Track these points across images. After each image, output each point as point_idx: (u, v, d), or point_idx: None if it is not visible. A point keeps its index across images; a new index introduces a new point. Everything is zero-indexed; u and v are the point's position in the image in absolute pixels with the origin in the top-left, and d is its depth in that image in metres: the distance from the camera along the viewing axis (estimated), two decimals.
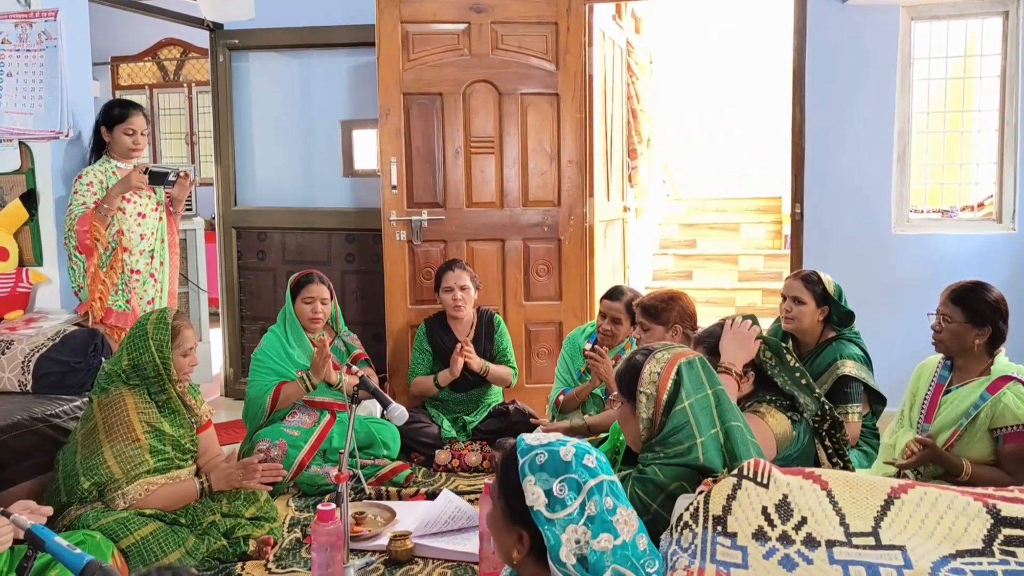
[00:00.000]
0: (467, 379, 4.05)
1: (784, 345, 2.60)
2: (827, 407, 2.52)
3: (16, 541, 2.24)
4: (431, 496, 3.47)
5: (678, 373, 2.19)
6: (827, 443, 2.51)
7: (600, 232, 4.70)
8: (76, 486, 2.76)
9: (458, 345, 3.97)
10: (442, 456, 3.84)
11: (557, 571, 1.52)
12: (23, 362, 3.36)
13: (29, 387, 3.35)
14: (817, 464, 2.47)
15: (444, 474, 3.77)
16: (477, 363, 3.98)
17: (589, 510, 1.52)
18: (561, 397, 3.81)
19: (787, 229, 6.59)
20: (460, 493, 3.48)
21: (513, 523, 1.57)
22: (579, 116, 4.41)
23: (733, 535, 1.69)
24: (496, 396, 4.19)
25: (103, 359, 3.38)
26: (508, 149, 4.43)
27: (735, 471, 1.79)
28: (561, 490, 1.54)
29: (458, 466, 3.81)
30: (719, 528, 1.70)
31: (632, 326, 3.69)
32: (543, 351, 4.50)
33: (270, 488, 3.06)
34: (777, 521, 1.70)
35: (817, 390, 2.52)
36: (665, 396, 2.17)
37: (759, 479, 1.76)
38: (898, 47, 4.26)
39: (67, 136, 3.82)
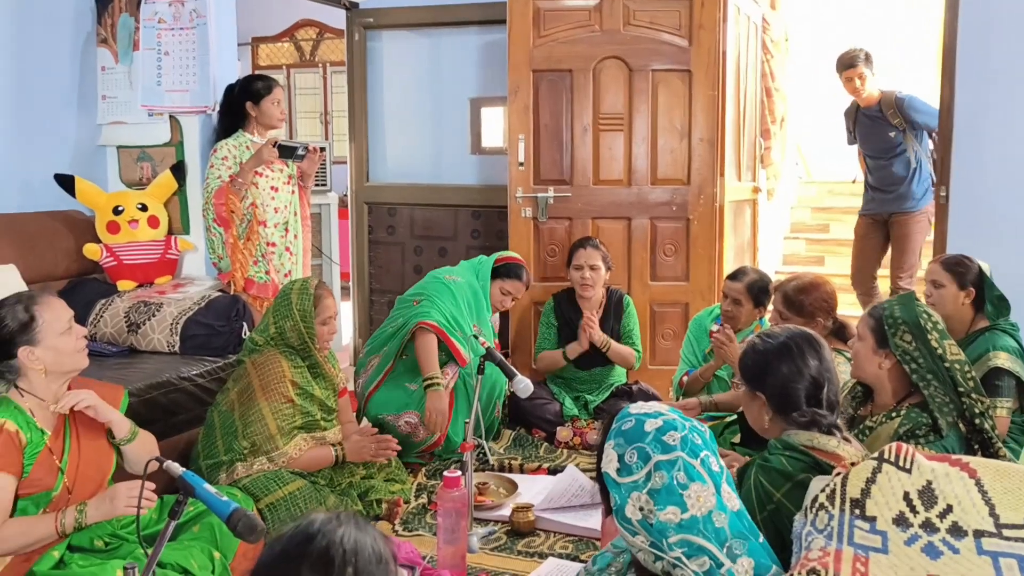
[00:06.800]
0: (591, 356, 4.03)
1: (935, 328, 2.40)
2: (975, 408, 2.31)
3: (164, 491, 2.39)
4: (552, 471, 3.49)
5: None
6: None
7: (729, 213, 4.59)
8: (235, 443, 2.90)
9: (584, 315, 3.96)
10: (564, 433, 3.85)
11: (622, 528, 1.56)
12: (172, 324, 3.56)
13: (177, 348, 3.54)
14: None
15: (565, 451, 3.78)
16: (599, 337, 3.95)
17: (654, 482, 1.54)
18: (685, 378, 3.76)
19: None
20: (582, 471, 3.48)
21: (600, 482, 1.64)
22: (712, 93, 4.31)
23: (872, 519, 1.62)
24: (619, 377, 4.16)
25: (244, 324, 3.54)
26: (637, 126, 4.38)
27: (875, 454, 1.72)
28: (631, 457, 1.58)
29: (580, 444, 3.81)
30: (857, 511, 1.64)
31: (755, 308, 3.60)
32: (668, 332, 4.44)
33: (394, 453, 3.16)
34: (920, 508, 1.63)
35: (966, 376, 2.31)
36: None
37: (901, 464, 1.68)
38: None
39: (213, 111, 4.00)
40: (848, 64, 4.78)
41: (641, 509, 1.54)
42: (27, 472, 2.21)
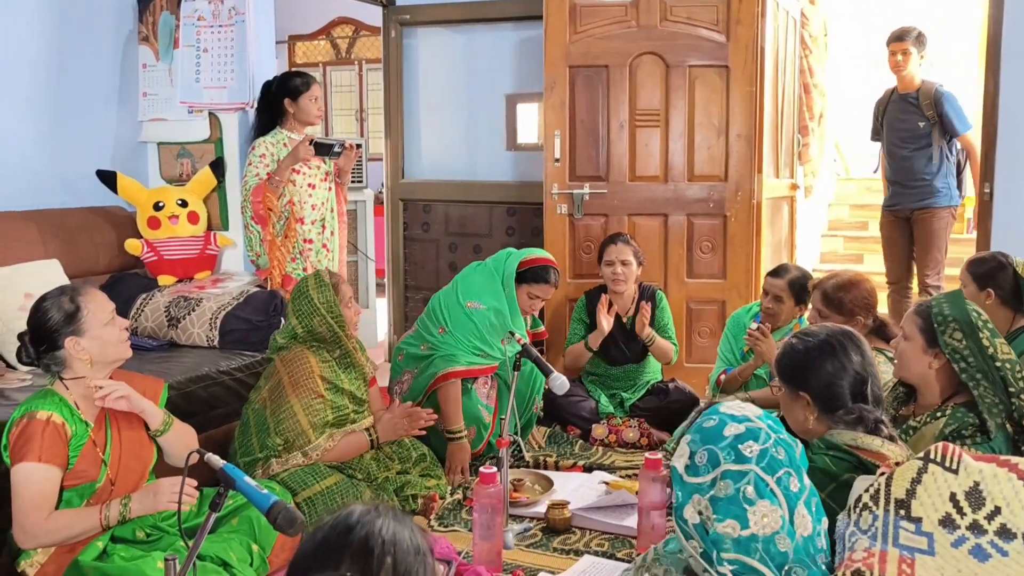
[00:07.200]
0: (623, 352, 4.00)
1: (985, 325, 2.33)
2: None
3: (205, 484, 2.41)
4: (588, 469, 3.48)
5: None
6: None
7: (767, 210, 4.54)
8: (268, 440, 2.92)
9: (601, 300, 3.90)
10: (599, 431, 3.83)
11: (677, 527, 1.51)
12: (211, 319, 3.59)
13: (216, 342, 3.58)
14: None
15: (600, 448, 3.76)
16: (647, 332, 3.89)
17: (718, 489, 1.49)
18: (723, 377, 3.73)
19: (970, 211, 6.17)
20: (616, 469, 3.47)
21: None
22: (749, 89, 4.26)
23: (918, 520, 1.60)
24: (654, 374, 4.13)
25: (282, 319, 3.57)
26: (674, 122, 4.35)
27: (921, 454, 1.69)
28: (701, 458, 1.53)
29: (615, 441, 3.79)
30: (902, 512, 1.61)
31: (796, 306, 3.57)
32: (704, 330, 4.40)
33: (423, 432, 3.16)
34: (967, 509, 1.60)
35: (1016, 376, 2.25)
36: None
37: (947, 464, 1.65)
38: None
39: (252, 107, 4.04)
40: (897, 37, 4.67)
41: (700, 513, 1.49)
42: (72, 464, 2.25)
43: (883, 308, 4.44)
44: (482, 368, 3.57)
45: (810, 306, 3.41)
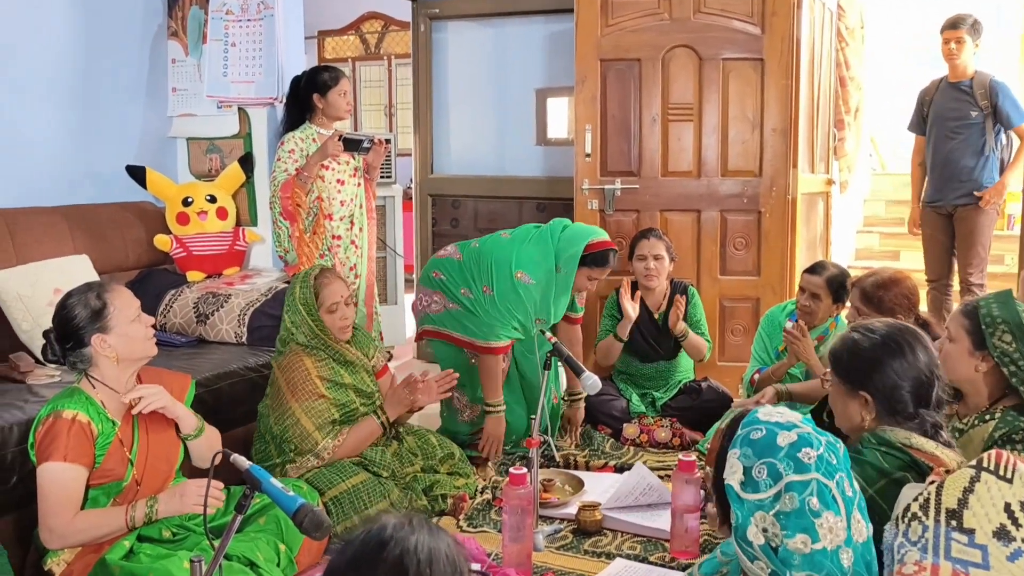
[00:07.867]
0: (655, 349, 3.93)
1: None
2: None
3: (231, 483, 2.38)
4: (619, 469, 3.42)
5: None
6: None
7: (802, 206, 4.44)
8: (283, 445, 2.88)
9: (623, 286, 3.83)
10: (630, 430, 3.77)
11: (740, 550, 1.44)
12: (239, 315, 3.57)
13: (244, 339, 3.56)
14: None
15: (632, 448, 3.70)
16: (680, 326, 3.81)
17: (784, 504, 1.43)
18: (756, 376, 3.65)
19: (1013, 208, 6.04)
20: (649, 470, 3.41)
21: (718, 489, 1.52)
22: (785, 82, 4.17)
23: (970, 532, 1.52)
24: (686, 373, 4.06)
25: None
26: (707, 117, 4.27)
27: (973, 462, 1.61)
28: (759, 473, 1.46)
29: (646, 441, 3.73)
30: (953, 523, 1.54)
31: (834, 304, 3.48)
32: (738, 328, 4.32)
33: (448, 394, 3.10)
34: (1023, 521, 1.52)
35: None
36: None
37: (1002, 473, 1.58)
38: None
39: (280, 102, 4.01)
40: (952, 24, 4.51)
41: (765, 531, 1.42)
42: (99, 463, 2.23)
43: (922, 307, 4.34)
44: (513, 340, 3.55)
45: (848, 304, 3.33)
